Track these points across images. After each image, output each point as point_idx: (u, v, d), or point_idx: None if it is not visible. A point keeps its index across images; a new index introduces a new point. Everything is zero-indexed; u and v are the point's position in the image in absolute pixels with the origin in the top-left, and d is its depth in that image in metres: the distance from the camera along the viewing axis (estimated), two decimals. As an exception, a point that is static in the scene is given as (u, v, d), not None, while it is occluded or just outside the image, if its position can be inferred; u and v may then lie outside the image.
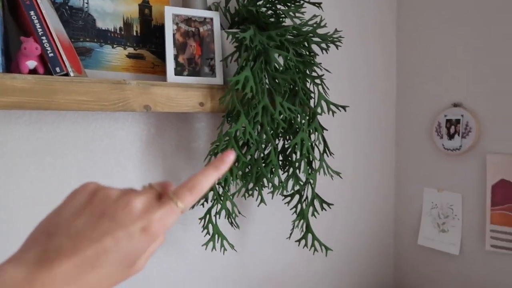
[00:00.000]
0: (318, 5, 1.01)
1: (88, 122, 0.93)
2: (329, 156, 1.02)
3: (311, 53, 0.99)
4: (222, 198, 0.94)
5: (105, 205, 0.33)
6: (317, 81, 0.99)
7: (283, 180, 0.96)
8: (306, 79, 0.97)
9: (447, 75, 1.25)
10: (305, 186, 1.01)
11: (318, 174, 0.98)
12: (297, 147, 0.94)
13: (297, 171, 0.98)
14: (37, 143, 0.87)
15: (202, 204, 0.95)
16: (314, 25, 0.98)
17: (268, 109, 0.90)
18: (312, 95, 1.04)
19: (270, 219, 1.17)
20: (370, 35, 1.34)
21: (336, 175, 1.00)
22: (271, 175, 0.95)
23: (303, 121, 0.95)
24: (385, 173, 1.40)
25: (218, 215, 0.95)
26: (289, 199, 1.03)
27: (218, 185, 0.95)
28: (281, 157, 1.02)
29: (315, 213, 0.99)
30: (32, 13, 0.74)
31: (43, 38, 0.74)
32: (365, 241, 1.37)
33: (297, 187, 1.00)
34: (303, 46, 0.98)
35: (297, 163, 0.98)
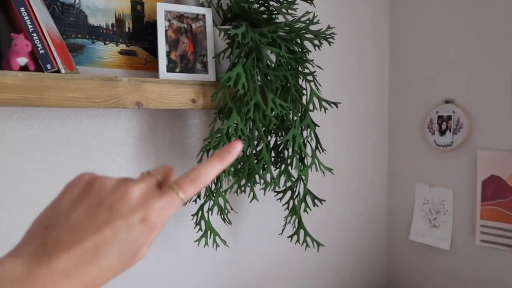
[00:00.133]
0: (310, 1, 1.01)
1: (80, 119, 0.93)
2: (321, 152, 1.02)
3: (304, 50, 1.00)
4: (214, 194, 0.94)
5: (102, 195, 0.32)
6: (309, 78, 0.99)
7: (275, 176, 0.96)
8: (298, 76, 0.97)
9: (439, 72, 1.25)
10: (297, 182, 1.01)
11: (310, 170, 0.98)
12: (289, 143, 0.95)
13: (289, 167, 0.98)
14: (29, 140, 0.87)
15: (194, 200, 0.96)
16: (306, 22, 0.98)
17: (260, 105, 0.91)
18: (304, 92, 1.04)
19: (262, 215, 1.18)
20: (363, 32, 1.35)
21: (328, 171, 1.01)
22: (263, 172, 0.96)
23: (295, 118, 0.96)
24: (377, 169, 1.41)
25: (210, 212, 0.95)
26: (281, 195, 1.03)
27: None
28: (273, 153, 1.03)
29: (307, 209, 1.00)
30: (22, 9, 0.73)
31: (34, 35, 0.74)
32: (358, 236, 1.38)
33: (289, 184, 1.01)
34: (296, 42, 0.99)
35: (289, 160, 0.98)
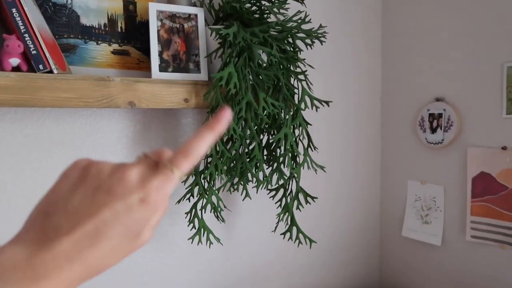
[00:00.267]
0: (301, 1, 1.02)
1: (74, 118, 0.93)
2: (313, 150, 1.04)
3: (295, 49, 1.01)
4: (207, 192, 0.95)
5: (99, 179, 0.32)
6: (301, 77, 1.00)
7: (267, 174, 0.97)
8: (289, 75, 0.98)
9: (430, 71, 1.27)
10: (289, 180, 1.03)
11: (302, 168, 1.00)
12: (281, 142, 0.96)
13: (282, 165, 0.99)
14: (23, 140, 0.88)
15: (188, 198, 0.97)
16: (298, 21, 0.99)
17: (251, 105, 0.92)
18: (296, 91, 1.05)
19: (255, 213, 1.19)
20: (355, 31, 1.36)
21: (320, 169, 1.02)
22: (256, 170, 0.97)
23: (287, 117, 0.97)
24: (370, 166, 1.43)
25: (203, 209, 0.96)
26: (274, 193, 1.04)
27: (203, 180, 0.96)
28: (265, 152, 1.04)
29: (299, 207, 1.01)
30: (14, 10, 0.74)
31: (26, 35, 0.75)
32: (351, 233, 1.40)
33: (281, 182, 1.02)
34: (287, 42, 1.00)
35: (281, 158, 0.99)
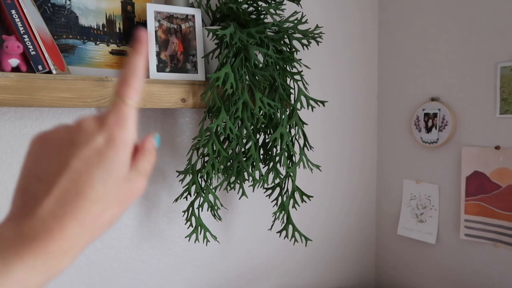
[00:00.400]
0: (297, 2, 1.03)
1: (73, 118, 0.95)
2: (309, 150, 1.05)
3: (292, 49, 1.02)
4: (204, 191, 0.97)
5: (59, 140, 0.33)
6: (297, 77, 1.01)
7: (263, 173, 0.99)
8: (285, 75, 0.99)
9: (425, 71, 1.28)
10: (285, 179, 1.04)
11: (298, 167, 1.01)
12: (277, 141, 0.97)
13: (278, 164, 1.01)
14: (22, 139, 0.89)
15: (185, 197, 0.98)
16: (295, 22, 1.00)
17: (248, 104, 0.93)
18: (292, 91, 1.06)
19: (252, 211, 1.21)
20: (352, 31, 1.37)
21: (316, 168, 1.04)
22: (252, 169, 0.98)
23: (283, 116, 0.98)
24: (366, 165, 1.44)
25: (201, 208, 0.98)
26: (270, 191, 1.06)
27: (200, 179, 0.98)
28: (262, 151, 1.05)
29: (295, 205, 1.03)
30: (13, 12, 0.75)
31: (25, 36, 0.76)
32: (348, 231, 1.41)
33: (277, 180, 1.03)
34: (284, 42, 1.01)
35: (277, 157, 1.01)
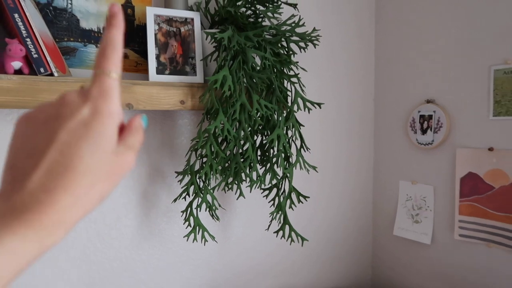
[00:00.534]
0: (294, 6, 1.05)
1: (73, 119, 0.96)
2: (305, 151, 1.07)
3: (289, 52, 1.04)
4: (202, 191, 0.98)
5: (45, 116, 0.33)
6: (294, 80, 1.03)
7: (261, 174, 1.00)
8: (283, 78, 1.01)
9: (421, 73, 1.30)
10: (282, 180, 1.06)
11: (294, 168, 1.03)
12: (274, 143, 0.99)
13: (275, 166, 1.02)
14: (23, 139, 0.91)
15: (184, 197, 1.00)
16: (292, 25, 1.02)
17: (245, 106, 0.95)
18: (289, 93, 1.08)
19: (249, 212, 1.22)
20: (348, 34, 1.39)
21: (312, 169, 1.05)
22: (250, 170, 1.00)
23: (280, 118, 1.00)
24: (363, 166, 1.46)
25: (199, 208, 0.99)
26: (267, 192, 1.07)
27: (199, 179, 0.99)
28: (259, 152, 1.07)
29: (292, 206, 1.05)
30: (16, 15, 0.77)
31: (27, 39, 0.77)
32: (344, 232, 1.43)
33: (274, 181, 1.05)
34: (281, 45, 1.03)
35: (274, 158, 1.02)
